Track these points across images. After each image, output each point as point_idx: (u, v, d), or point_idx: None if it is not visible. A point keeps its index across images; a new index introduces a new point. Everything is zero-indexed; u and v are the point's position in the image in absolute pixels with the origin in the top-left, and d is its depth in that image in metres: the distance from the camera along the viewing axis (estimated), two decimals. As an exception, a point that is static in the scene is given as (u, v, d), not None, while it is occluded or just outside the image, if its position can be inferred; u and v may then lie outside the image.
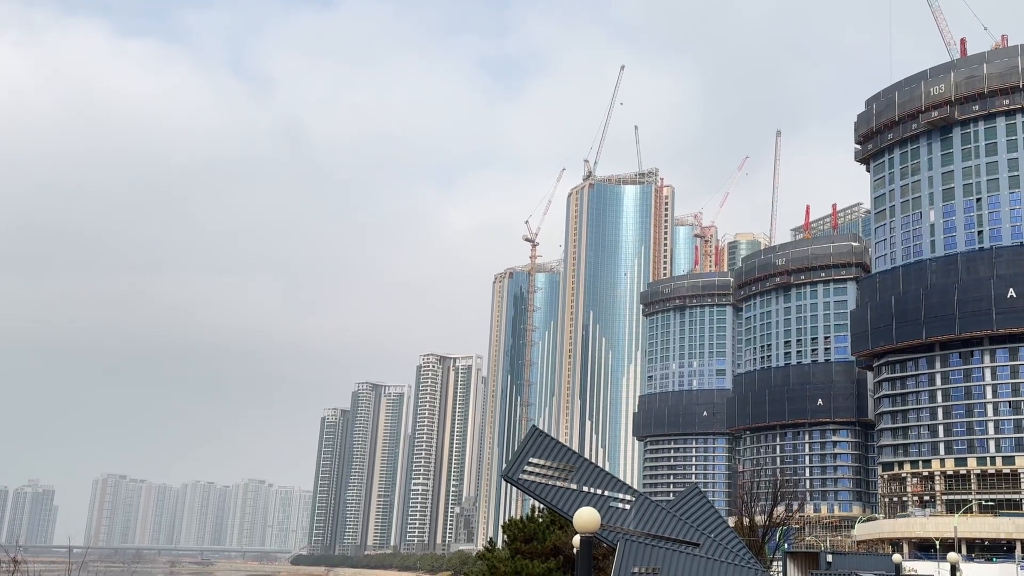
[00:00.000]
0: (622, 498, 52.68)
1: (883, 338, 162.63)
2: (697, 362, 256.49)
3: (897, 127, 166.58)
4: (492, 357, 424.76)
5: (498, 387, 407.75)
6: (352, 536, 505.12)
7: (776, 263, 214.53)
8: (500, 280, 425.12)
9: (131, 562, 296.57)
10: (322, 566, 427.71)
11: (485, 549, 67.49)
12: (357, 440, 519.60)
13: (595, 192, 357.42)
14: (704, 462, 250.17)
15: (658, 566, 48.18)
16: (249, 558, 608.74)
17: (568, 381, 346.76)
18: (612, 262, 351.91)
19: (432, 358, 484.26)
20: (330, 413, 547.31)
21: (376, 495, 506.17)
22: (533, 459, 52.73)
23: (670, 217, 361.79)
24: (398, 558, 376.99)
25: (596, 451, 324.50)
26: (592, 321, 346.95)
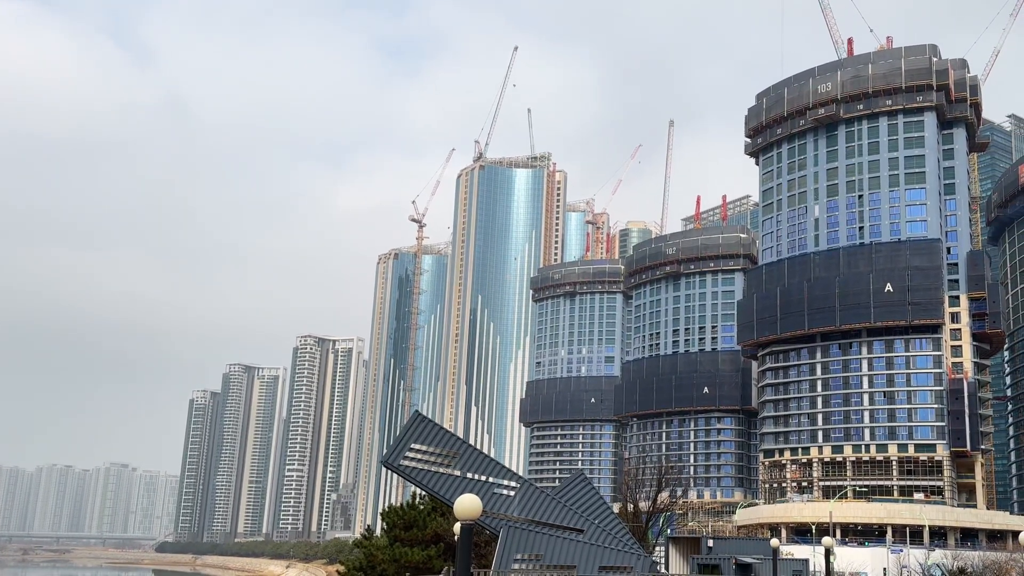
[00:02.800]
0: (506, 484, 52.75)
1: (768, 328, 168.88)
2: (586, 349, 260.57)
3: (785, 122, 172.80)
4: (375, 340, 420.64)
5: (380, 371, 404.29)
6: (221, 523, 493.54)
7: (666, 252, 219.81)
8: (384, 261, 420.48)
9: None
10: (189, 553, 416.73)
11: (363, 536, 66.61)
12: (228, 423, 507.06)
13: (486, 174, 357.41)
14: (591, 449, 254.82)
15: (541, 552, 48.45)
16: (110, 545, 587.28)
17: (454, 366, 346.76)
18: (502, 246, 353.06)
19: (310, 340, 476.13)
20: (199, 395, 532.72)
21: (248, 480, 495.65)
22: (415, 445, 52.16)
23: (562, 202, 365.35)
24: (270, 546, 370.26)
25: (482, 437, 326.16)
26: (480, 305, 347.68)
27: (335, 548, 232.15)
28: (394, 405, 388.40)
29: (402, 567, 52.81)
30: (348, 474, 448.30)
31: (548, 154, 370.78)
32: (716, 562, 57.51)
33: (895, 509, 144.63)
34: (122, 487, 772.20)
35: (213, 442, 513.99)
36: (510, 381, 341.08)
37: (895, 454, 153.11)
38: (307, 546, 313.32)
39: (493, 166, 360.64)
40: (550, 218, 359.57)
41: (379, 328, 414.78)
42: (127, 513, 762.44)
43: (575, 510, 52.12)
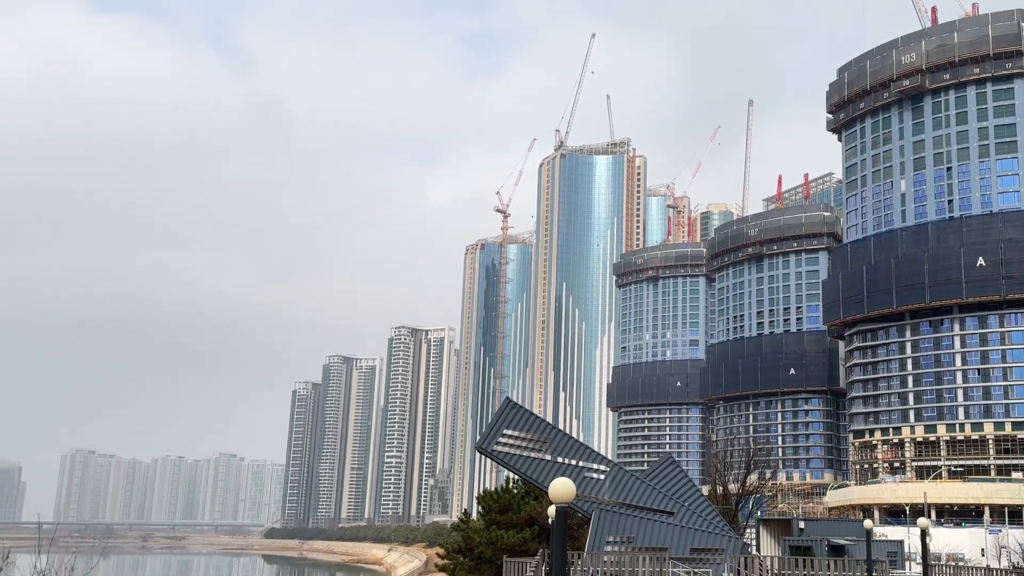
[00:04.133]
0: (596, 468, 53.05)
1: (854, 307, 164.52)
2: (670, 332, 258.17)
3: (868, 96, 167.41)
4: (464, 329, 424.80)
5: (471, 359, 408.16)
6: (326, 509, 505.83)
7: (748, 233, 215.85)
8: (472, 252, 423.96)
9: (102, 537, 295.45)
10: (296, 539, 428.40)
11: (460, 520, 67.79)
12: (329, 413, 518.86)
13: (567, 162, 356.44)
14: (678, 432, 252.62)
15: (632, 535, 48.62)
16: (222, 532, 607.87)
17: (541, 352, 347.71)
18: (584, 233, 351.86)
19: (404, 330, 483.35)
20: (301, 386, 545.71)
21: (349, 468, 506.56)
22: (507, 431, 52.90)
23: (642, 188, 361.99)
24: (372, 530, 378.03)
25: (570, 422, 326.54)
26: (565, 292, 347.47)
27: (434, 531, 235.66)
28: (485, 392, 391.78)
29: (498, 549, 53.61)
30: (444, 460, 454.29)
31: (627, 140, 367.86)
32: (808, 544, 56.69)
33: (993, 489, 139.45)
34: (231, 476, 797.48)
35: (316, 431, 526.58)
36: (596, 366, 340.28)
37: (991, 432, 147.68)
38: (407, 530, 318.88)
39: (574, 154, 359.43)
40: (631, 203, 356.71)
41: (469, 317, 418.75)
42: (237, 501, 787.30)
43: (665, 493, 52.09)
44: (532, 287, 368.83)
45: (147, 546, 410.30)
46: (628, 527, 49.06)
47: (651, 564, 42.15)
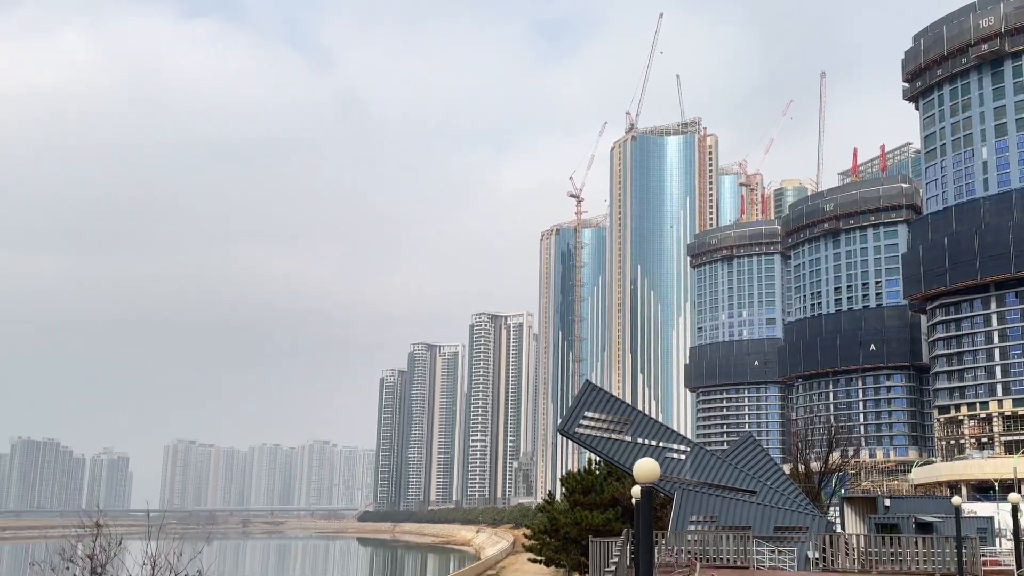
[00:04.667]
0: (677, 448, 52.78)
1: (936, 280, 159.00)
2: (747, 312, 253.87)
3: (946, 63, 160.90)
4: (542, 314, 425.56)
5: (550, 343, 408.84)
6: (416, 492, 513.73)
7: (824, 208, 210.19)
8: (547, 237, 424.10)
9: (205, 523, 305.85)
10: (388, 522, 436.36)
11: (545, 502, 68.25)
12: (415, 399, 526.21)
13: (638, 144, 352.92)
14: (757, 411, 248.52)
15: (715, 514, 48.27)
16: (317, 516, 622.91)
17: (618, 335, 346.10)
18: (657, 214, 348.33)
19: (484, 317, 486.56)
20: (388, 374, 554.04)
21: (436, 452, 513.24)
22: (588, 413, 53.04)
23: (715, 166, 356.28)
24: (460, 512, 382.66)
25: (649, 403, 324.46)
26: (640, 274, 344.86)
27: (519, 513, 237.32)
28: (564, 375, 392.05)
29: (583, 530, 53.88)
30: (527, 442, 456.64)
31: (698, 119, 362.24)
32: (895, 521, 55.36)
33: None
34: (325, 462, 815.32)
35: (403, 417, 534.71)
36: (673, 347, 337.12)
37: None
38: (494, 511, 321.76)
39: (644, 136, 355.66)
40: (703, 183, 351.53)
41: (546, 302, 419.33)
42: (331, 486, 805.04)
43: (746, 472, 51.53)
44: (607, 270, 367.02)
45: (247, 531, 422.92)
46: (711, 506, 48.72)
47: (735, 543, 41.81)
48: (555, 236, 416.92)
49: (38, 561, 22.25)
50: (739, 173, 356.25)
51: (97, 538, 22.47)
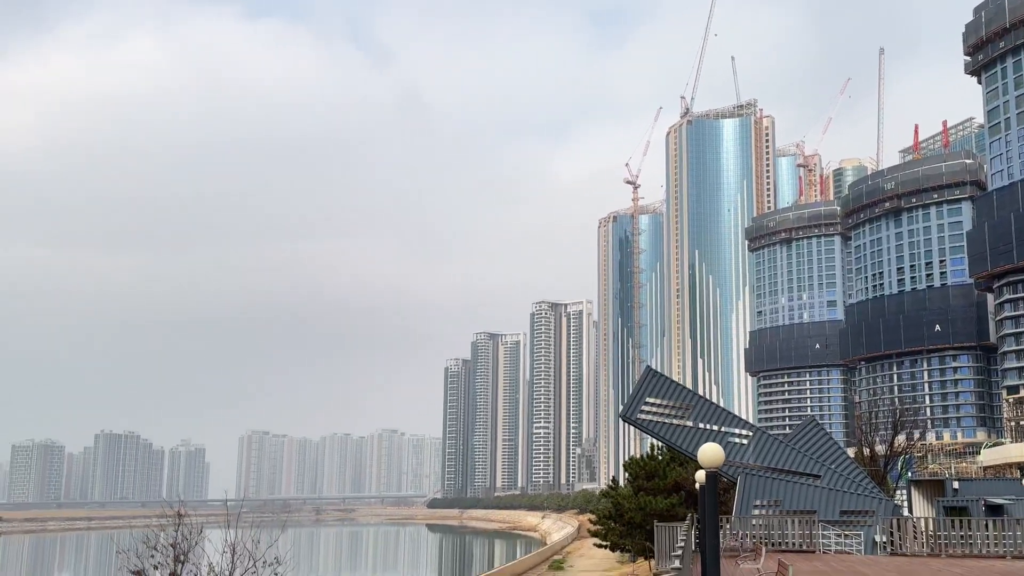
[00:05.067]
0: (739, 433, 52.24)
1: (1003, 258, 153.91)
2: (807, 295, 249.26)
3: (1009, 34, 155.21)
4: (601, 301, 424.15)
5: (609, 330, 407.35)
6: (482, 479, 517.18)
7: (885, 187, 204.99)
8: (604, 225, 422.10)
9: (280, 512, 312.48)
10: (455, 508, 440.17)
11: (609, 487, 68.20)
12: (479, 388, 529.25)
13: (693, 128, 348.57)
14: (819, 395, 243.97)
15: (779, 498, 47.68)
16: (388, 503, 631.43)
17: (677, 321, 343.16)
18: (714, 198, 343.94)
19: (544, 305, 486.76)
20: (452, 363, 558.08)
21: (501, 439, 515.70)
22: (649, 399, 52.78)
23: (771, 148, 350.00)
24: (526, 498, 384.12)
25: (709, 388, 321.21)
26: (698, 259, 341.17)
27: (584, 499, 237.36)
28: (625, 362, 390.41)
29: (648, 515, 53.68)
30: (589, 429, 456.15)
31: (754, 101, 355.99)
32: (963, 504, 54.01)
33: None
34: (393, 450, 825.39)
35: (467, 406, 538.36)
36: (732, 332, 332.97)
37: None
38: (559, 498, 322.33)
39: (700, 120, 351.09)
40: (760, 166, 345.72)
41: (604, 289, 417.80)
42: (400, 474, 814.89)
43: (810, 456, 50.78)
44: (665, 256, 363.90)
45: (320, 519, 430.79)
46: (775, 491, 48.15)
47: (801, 527, 41.29)
48: (612, 223, 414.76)
49: (124, 549, 22.98)
50: (796, 154, 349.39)
51: (179, 527, 23.07)
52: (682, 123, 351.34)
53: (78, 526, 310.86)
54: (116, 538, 30.45)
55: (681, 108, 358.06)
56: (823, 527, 41.48)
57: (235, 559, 23.33)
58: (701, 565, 26.32)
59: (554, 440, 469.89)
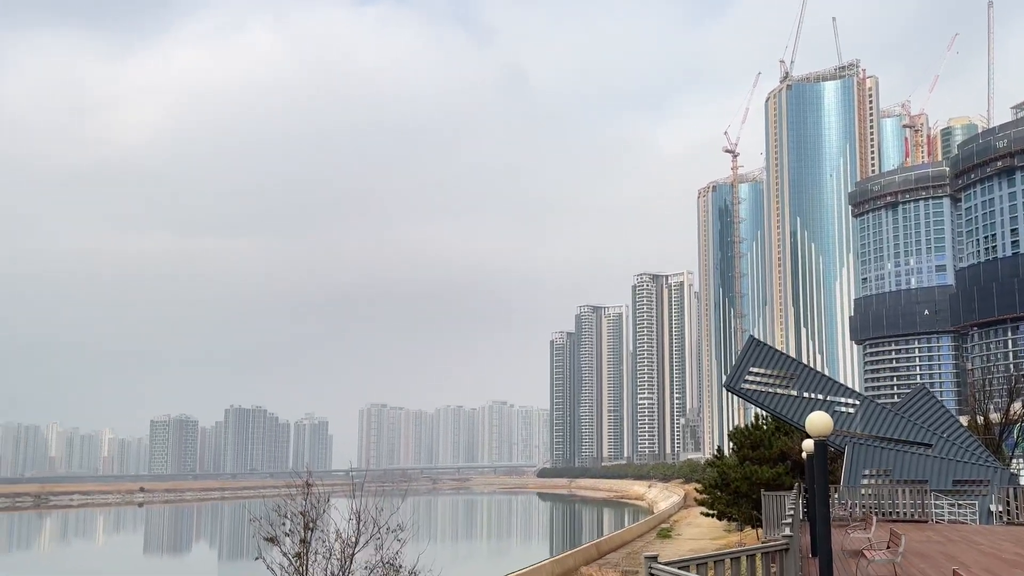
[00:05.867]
0: (846, 402, 50.84)
1: None
2: (914, 260, 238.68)
3: None
4: (702, 272, 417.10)
5: (711, 301, 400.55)
6: (588, 449, 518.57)
7: (997, 146, 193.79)
8: (704, 195, 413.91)
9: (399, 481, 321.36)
10: (564, 478, 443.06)
11: (714, 457, 67.54)
12: (584, 360, 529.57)
13: (793, 93, 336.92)
14: (928, 362, 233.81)
15: (889, 467, 46.27)
16: (499, 473, 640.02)
17: (779, 289, 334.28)
18: (816, 164, 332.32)
19: (645, 277, 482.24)
20: (557, 336, 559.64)
21: (606, 410, 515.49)
22: (753, 368, 51.87)
23: (875, 110, 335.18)
24: (632, 468, 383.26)
25: (814, 358, 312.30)
26: (799, 227, 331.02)
27: (689, 468, 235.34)
28: (727, 332, 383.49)
29: (753, 484, 52.98)
30: (692, 399, 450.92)
31: (856, 62, 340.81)
32: (1085, 470, 51.23)
33: None
34: (503, 422, 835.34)
35: (573, 377, 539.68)
36: (836, 300, 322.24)
37: None
38: (664, 467, 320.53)
39: (800, 84, 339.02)
40: (863, 128, 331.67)
41: (705, 260, 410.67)
42: (510, 444, 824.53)
43: (920, 424, 49.03)
44: (766, 224, 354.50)
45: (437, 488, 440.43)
46: (884, 460, 46.77)
47: (912, 496, 40.04)
48: (712, 193, 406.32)
49: (256, 517, 24.18)
50: (902, 115, 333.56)
51: (307, 496, 24.01)
52: (781, 88, 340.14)
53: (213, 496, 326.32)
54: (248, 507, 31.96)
55: (780, 72, 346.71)
56: (935, 497, 40.09)
57: (360, 526, 24.27)
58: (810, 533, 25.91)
59: (658, 410, 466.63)
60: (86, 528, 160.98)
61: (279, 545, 23.30)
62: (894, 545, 20.81)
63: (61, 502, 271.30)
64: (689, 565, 8.72)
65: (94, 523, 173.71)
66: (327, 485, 29.03)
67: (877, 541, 24.42)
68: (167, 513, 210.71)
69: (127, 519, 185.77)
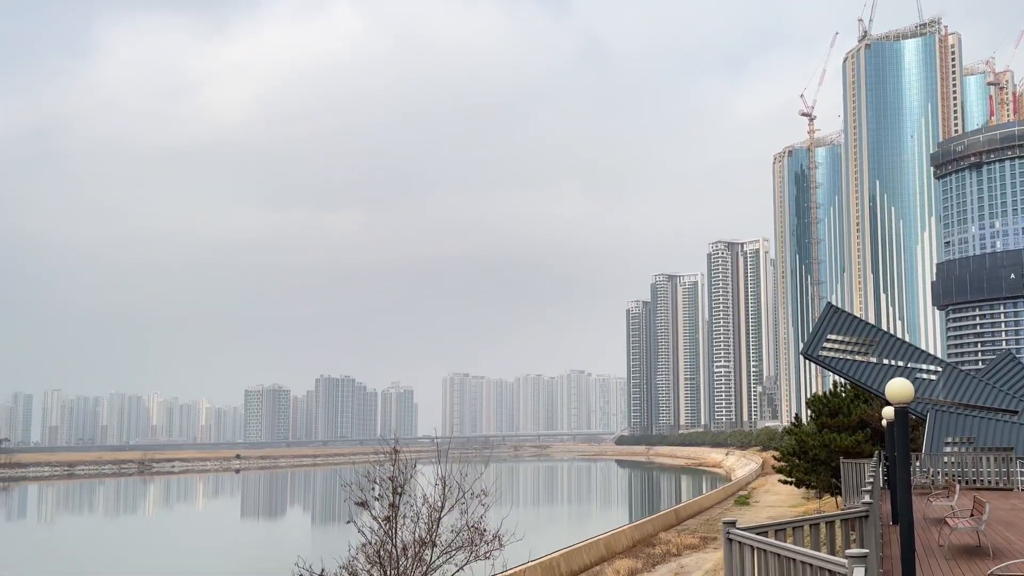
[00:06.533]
0: (927, 369, 49.36)
1: None
2: (999, 222, 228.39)
3: None
4: (778, 238, 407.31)
5: (787, 268, 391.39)
6: (666, 417, 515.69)
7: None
8: (779, 160, 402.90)
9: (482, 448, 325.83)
10: (642, 445, 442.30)
11: (792, 424, 66.52)
12: (660, 328, 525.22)
13: (872, 52, 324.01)
14: (1015, 328, 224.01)
15: (972, 435, 44.87)
16: (578, 440, 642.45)
17: (858, 255, 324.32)
18: (895, 125, 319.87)
19: (720, 245, 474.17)
20: (633, 305, 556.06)
21: (683, 379, 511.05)
22: (831, 336, 50.76)
23: (958, 68, 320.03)
24: (709, 436, 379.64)
25: (893, 324, 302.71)
26: (879, 190, 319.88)
27: (766, 436, 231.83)
28: (803, 299, 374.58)
29: (832, 452, 52.16)
30: (769, 367, 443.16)
31: (938, 18, 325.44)
32: None
33: None
34: (582, 390, 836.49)
35: (649, 346, 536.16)
36: (917, 264, 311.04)
37: None
38: (741, 435, 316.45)
39: (879, 42, 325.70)
40: (945, 87, 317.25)
41: (781, 226, 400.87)
42: (588, 412, 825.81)
43: (1006, 391, 47.36)
44: (843, 189, 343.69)
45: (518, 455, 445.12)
46: (967, 427, 45.39)
47: (996, 464, 38.83)
48: (788, 158, 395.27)
49: (348, 483, 25.07)
50: (986, 72, 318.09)
51: (395, 462, 24.69)
52: (860, 47, 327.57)
53: (305, 463, 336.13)
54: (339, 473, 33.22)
55: (859, 32, 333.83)
56: (1021, 464, 38.77)
57: (446, 491, 24.90)
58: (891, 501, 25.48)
59: (735, 378, 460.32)
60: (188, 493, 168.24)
61: (369, 509, 24.08)
62: (978, 513, 20.33)
63: (163, 468, 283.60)
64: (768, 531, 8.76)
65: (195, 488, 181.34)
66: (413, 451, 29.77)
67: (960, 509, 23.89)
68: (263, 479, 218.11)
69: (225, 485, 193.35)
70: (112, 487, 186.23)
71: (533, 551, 36.81)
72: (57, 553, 68.73)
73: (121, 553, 68.38)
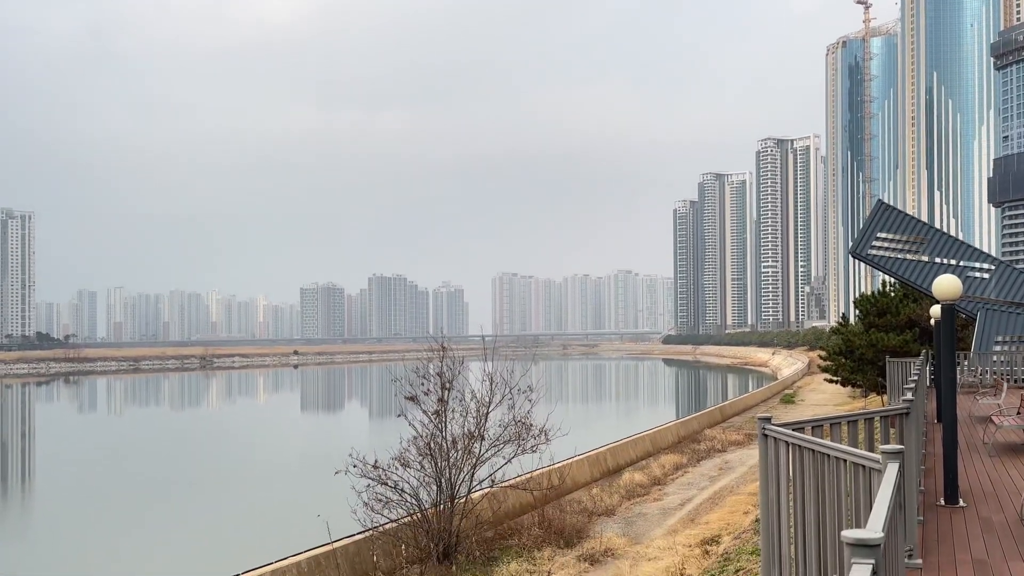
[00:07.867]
0: (979, 267, 48.05)
1: None
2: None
3: None
4: (829, 135, 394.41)
5: (838, 165, 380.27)
6: (712, 317, 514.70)
7: None
8: (832, 52, 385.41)
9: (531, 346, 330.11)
10: (689, 344, 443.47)
11: (839, 324, 65.83)
12: (707, 228, 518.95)
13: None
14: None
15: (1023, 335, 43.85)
16: (626, 339, 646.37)
17: (912, 151, 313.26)
18: (955, 13, 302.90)
19: (770, 142, 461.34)
20: (680, 204, 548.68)
21: (730, 279, 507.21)
22: (881, 234, 49.48)
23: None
24: (756, 335, 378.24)
25: (947, 222, 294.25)
26: (936, 82, 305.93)
27: (813, 336, 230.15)
28: (854, 197, 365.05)
29: (879, 351, 51.58)
30: (817, 267, 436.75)
31: None
32: None
33: None
34: (629, 290, 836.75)
35: (696, 246, 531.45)
36: (974, 160, 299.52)
37: None
38: (788, 334, 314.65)
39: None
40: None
41: (832, 122, 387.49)
42: (636, 312, 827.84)
43: (1061, 290, 45.95)
44: (899, 82, 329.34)
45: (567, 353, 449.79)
46: (1019, 326, 44.43)
47: (1047, 362, 38.04)
48: (841, 49, 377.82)
49: (399, 378, 25.64)
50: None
51: (444, 359, 25.17)
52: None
53: (360, 359, 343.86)
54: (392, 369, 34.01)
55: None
56: (1074, 362, 37.96)
57: (493, 387, 25.36)
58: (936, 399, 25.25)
59: (782, 278, 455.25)
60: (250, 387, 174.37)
61: (419, 404, 24.66)
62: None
63: (224, 364, 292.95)
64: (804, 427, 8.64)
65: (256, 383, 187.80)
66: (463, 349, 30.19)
67: (1007, 407, 23.56)
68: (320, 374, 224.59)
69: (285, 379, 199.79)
70: (177, 381, 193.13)
71: (579, 446, 37.49)
72: (135, 444, 72.31)
73: (193, 443, 71.68)
